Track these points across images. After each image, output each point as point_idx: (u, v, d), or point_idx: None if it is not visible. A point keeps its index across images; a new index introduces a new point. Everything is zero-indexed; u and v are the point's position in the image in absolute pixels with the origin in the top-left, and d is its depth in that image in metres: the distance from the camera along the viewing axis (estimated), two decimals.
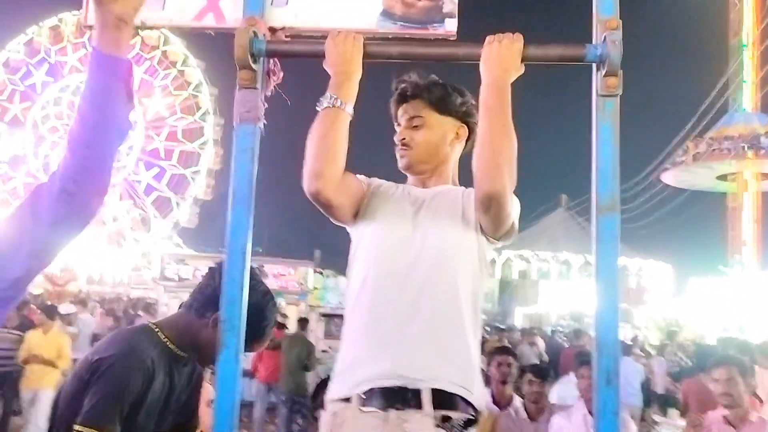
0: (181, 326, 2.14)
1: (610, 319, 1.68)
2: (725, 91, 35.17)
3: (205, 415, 2.69)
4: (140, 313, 14.76)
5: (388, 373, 1.62)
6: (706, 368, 4.19)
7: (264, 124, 1.84)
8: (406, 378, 1.61)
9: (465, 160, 1.92)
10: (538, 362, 10.05)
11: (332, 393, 1.71)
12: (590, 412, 3.74)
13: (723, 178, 35.77)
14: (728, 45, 36.08)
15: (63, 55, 39.28)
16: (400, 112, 1.94)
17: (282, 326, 10.43)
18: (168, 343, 2.06)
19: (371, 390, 1.62)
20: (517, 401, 4.30)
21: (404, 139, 1.91)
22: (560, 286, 36.52)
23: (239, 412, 1.74)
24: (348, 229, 1.91)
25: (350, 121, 1.76)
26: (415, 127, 1.90)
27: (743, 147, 32.41)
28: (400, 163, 1.94)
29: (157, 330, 2.10)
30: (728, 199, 36.32)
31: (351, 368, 1.69)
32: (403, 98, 1.94)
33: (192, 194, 38.94)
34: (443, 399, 1.61)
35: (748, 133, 32.60)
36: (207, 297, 2.12)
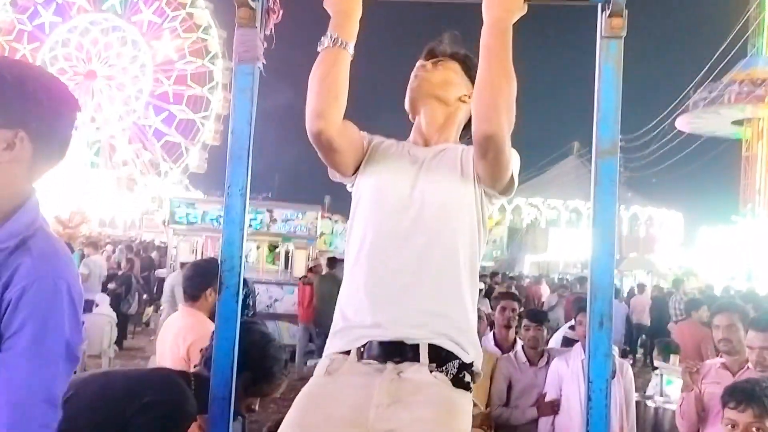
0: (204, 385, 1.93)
1: (605, 263, 1.69)
2: (744, 34, 34.28)
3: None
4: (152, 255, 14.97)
5: (387, 329, 1.63)
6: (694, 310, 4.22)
7: (263, 63, 1.83)
8: (405, 334, 1.63)
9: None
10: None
11: (330, 348, 1.72)
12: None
13: (738, 123, 35.18)
14: None
15: None
16: (426, 56, 1.92)
17: (313, 269, 10.66)
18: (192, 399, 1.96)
19: (369, 343, 1.64)
20: (518, 345, 4.36)
21: (426, 65, 1.89)
22: (569, 234, 36.53)
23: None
24: (347, 186, 1.90)
25: (351, 63, 1.74)
26: (438, 64, 1.89)
27: (758, 91, 31.74)
28: (413, 84, 1.89)
29: (191, 381, 2.01)
30: (743, 147, 35.84)
31: (350, 326, 1.69)
32: (436, 51, 1.92)
33: (201, 139, 38.81)
34: (439, 354, 1.63)
35: (764, 77, 31.90)
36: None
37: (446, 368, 1.62)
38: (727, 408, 2.30)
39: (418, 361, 1.61)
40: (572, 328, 5.69)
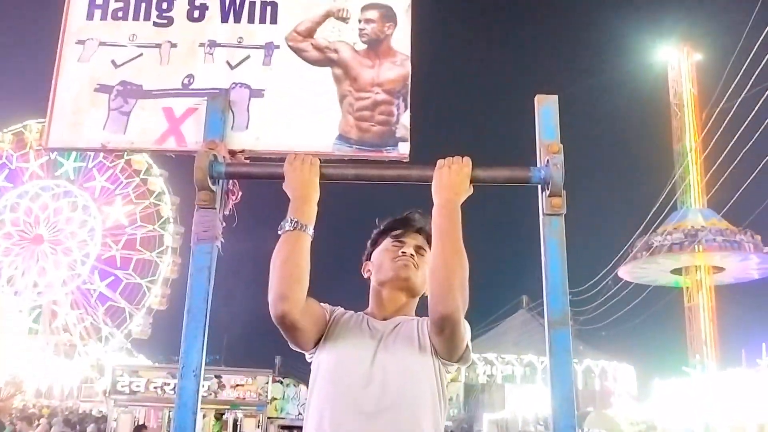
0: None
1: (566, 429, 1.68)
2: (674, 193, 36.73)
3: None
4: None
5: None
6: None
7: (221, 242, 1.87)
8: None
9: None
10: None
11: None
12: None
13: (677, 272, 36.57)
14: (672, 151, 37.99)
15: (25, 162, 39.10)
16: (408, 235, 1.95)
17: None
18: None
19: None
20: None
21: (412, 253, 1.92)
22: (526, 390, 36.02)
23: None
24: (306, 356, 1.89)
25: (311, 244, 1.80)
26: (420, 254, 1.93)
27: (689, 241, 33.47)
28: (402, 272, 1.90)
29: None
30: (685, 299, 37.00)
31: None
32: (416, 228, 1.97)
33: (147, 304, 37.97)
34: None
35: (692, 228, 33.77)
36: None
37: None
38: None
39: None
40: None
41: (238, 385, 11.37)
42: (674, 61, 38.83)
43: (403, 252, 1.91)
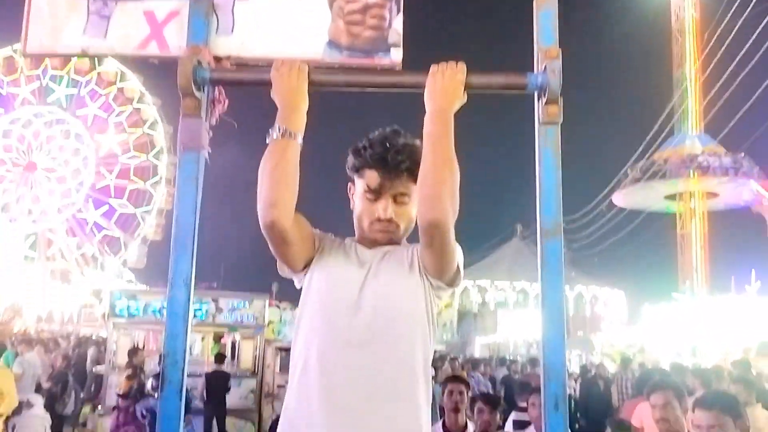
0: None
1: (556, 344, 1.68)
2: (671, 120, 36.47)
3: None
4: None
5: None
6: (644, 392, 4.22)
7: (209, 152, 1.83)
8: None
9: None
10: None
11: None
12: None
13: (671, 198, 36.75)
14: (672, 77, 37.53)
15: (16, 87, 38.36)
16: (382, 184, 1.78)
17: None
18: None
19: None
20: (471, 429, 4.27)
21: (390, 217, 1.79)
22: (518, 315, 36.79)
23: None
24: (295, 283, 1.86)
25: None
26: (401, 203, 1.80)
27: (685, 166, 33.46)
28: (381, 237, 1.81)
29: None
30: (677, 226, 37.35)
31: None
32: (394, 172, 1.78)
33: (141, 234, 38.08)
34: None
35: (689, 153, 33.70)
36: None
37: None
38: None
39: None
40: (521, 410, 5.64)
41: (235, 309, 11.54)
42: None
43: (378, 218, 1.79)
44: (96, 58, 35.35)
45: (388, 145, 1.78)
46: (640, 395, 7.22)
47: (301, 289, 1.83)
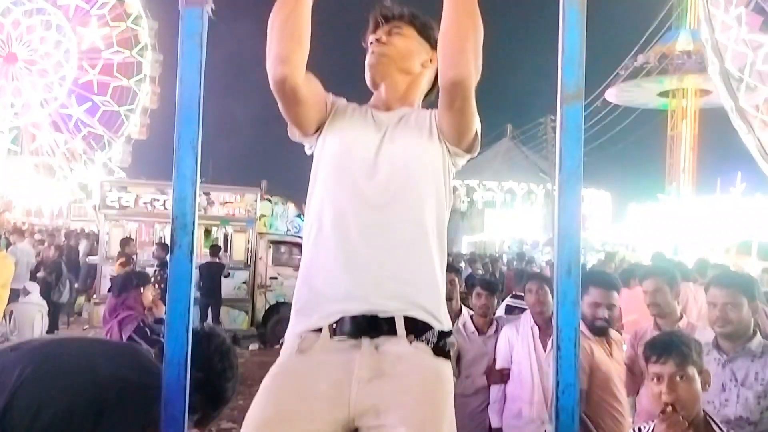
0: None
1: (571, 210, 1.66)
2: (670, 17, 35.53)
3: None
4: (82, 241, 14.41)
5: (359, 303, 1.57)
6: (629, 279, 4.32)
7: (212, 8, 1.72)
8: (378, 307, 1.57)
9: None
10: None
11: (298, 326, 1.63)
12: (537, 324, 3.85)
13: (665, 95, 36.36)
14: None
15: None
16: (380, 20, 1.85)
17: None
18: None
19: (342, 320, 1.56)
20: (465, 315, 4.37)
21: (380, 38, 1.81)
22: (505, 215, 37.26)
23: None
24: (306, 148, 1.81)
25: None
26: (394, 33, 1.82)
27: (679, 62, 32.87)
28: (371, 62, 1.81)
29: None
30: (668, 126, 37.22)
31: (317, 301, 1.61)
32: (384, 18, 1.84)
33: (125, 133, 37.41)
34: (415, 326, 1.58)
35: (683, 50, 33.05)
36: None
37: (425, 338, 1.59)
38: (650, 363, 2.31)
39: (395, 334, 1.56)
40: (516, 297, 5.77)
41: (227, 202, 11.55)
42: None
43: (371, 41, 1.82)
44: None
45: (381, 7, 1.84)
46: (625, 286, 7.42)
47: (311, 155, 1.80)
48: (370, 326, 1.56)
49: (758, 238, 16.60)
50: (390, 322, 1.57)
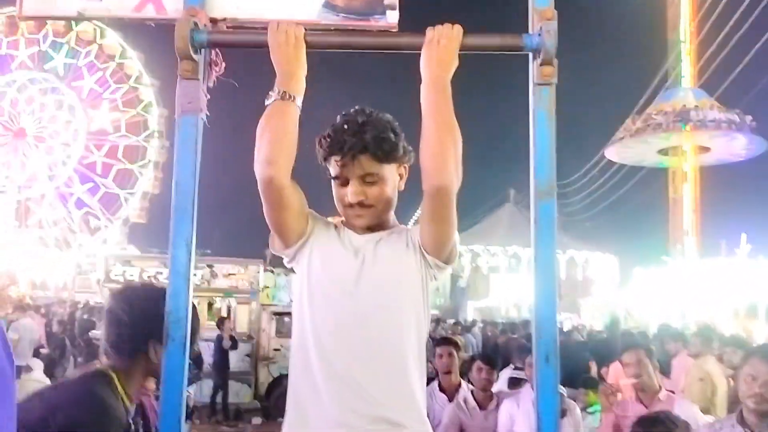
0: (130, 372, 1.91)
1: (548, 301, 1.74)
2: (665, 82, 36.24)
3: None
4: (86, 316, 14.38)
5: (345, 430, 1.68)
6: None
7: (207, 115, 1.84)
8: (356, 427, 1.68)
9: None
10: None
11: None
12: None
13: (664, 153, 36.57)
14: (667, 39, 37.23)
15: (14, 49, 37.55)
16: (345, 168, 1.78)
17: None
18: (124, 398, 1.85)
19: None
20: (465, 389, 4.37)
21: (363, 200, 1.79)
22: (510, 279, 37.07)
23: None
24: (285, 261, 1.89)
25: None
26: (369, 183, 1.79)
27: (678, 119, 33.14)
28: (358, 223, 1.83)
29: (114, 379, 1.87)
30: (669, 188, 37.36)
31: (304, 423, 1.74)
32: (350, 156, 1.76)
33: (122, 216, 37.63)
34: None
35: (681, 108, 33.43)
36: (132, 329, 1.89)
37: None
38: None
39: None
40: (517, 368, 5.75)
41: (230, 274, 11.61)
42: None
43: (349, 204, 1.80)
44: (99, 31, 34.85)
45: (346, 127, 1.78)
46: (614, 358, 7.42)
47: (291, 268, 1.90)
48: None
49: (765, 300, 16.46)
50: None
